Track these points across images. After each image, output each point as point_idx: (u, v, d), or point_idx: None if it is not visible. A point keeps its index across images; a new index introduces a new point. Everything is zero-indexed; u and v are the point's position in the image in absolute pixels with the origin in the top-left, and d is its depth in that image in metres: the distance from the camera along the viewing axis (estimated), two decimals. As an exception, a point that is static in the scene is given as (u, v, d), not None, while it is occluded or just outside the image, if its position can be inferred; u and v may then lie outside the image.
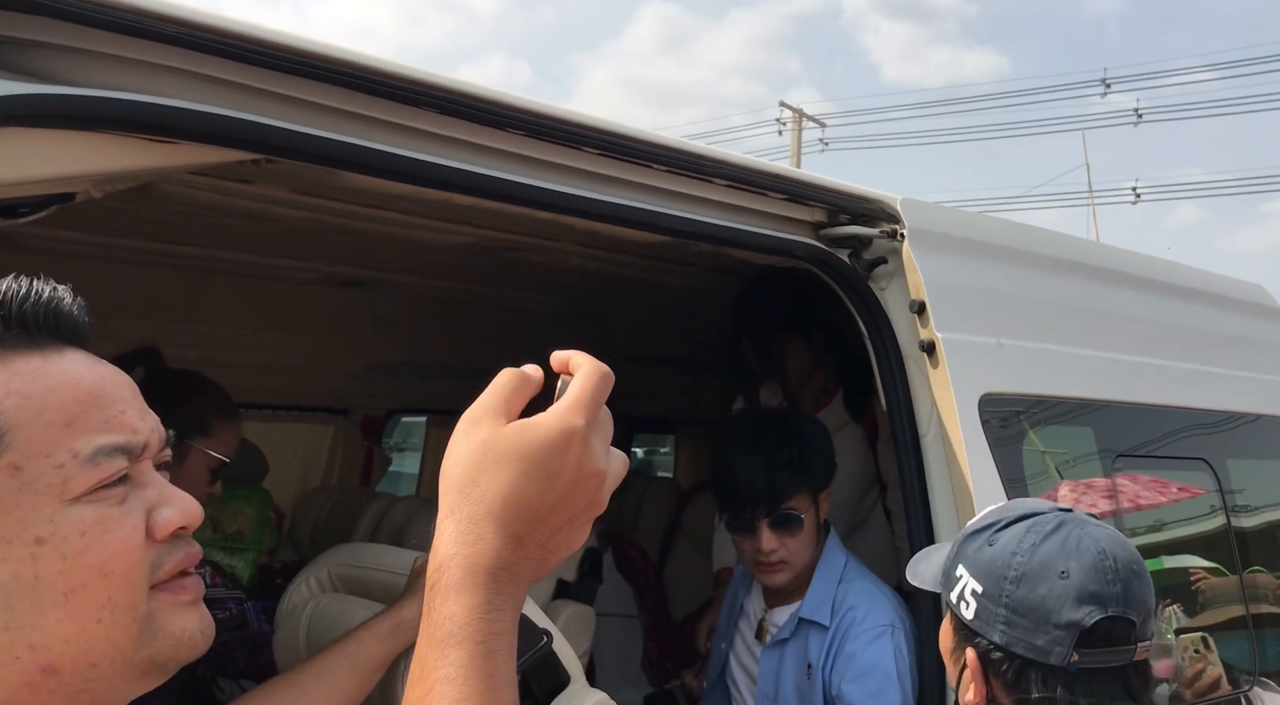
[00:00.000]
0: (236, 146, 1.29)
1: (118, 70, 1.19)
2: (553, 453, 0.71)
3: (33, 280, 0.82)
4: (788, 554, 2.06)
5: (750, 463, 2.04)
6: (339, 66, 1.34)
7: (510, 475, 0.71)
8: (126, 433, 0.80)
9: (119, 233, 2.37)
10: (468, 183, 1.52)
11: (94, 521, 0.77)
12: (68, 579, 0.76)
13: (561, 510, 0.72)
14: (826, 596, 2.06)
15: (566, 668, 1.52)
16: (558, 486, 0.71)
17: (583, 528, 0.75)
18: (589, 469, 0.72)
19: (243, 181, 1.86)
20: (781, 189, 1.94)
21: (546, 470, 0.71)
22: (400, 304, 3.26)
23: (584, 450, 0.72)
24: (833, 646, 2.01)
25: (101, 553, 0.77)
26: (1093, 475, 2.15)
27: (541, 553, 0.73)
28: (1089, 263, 2.40)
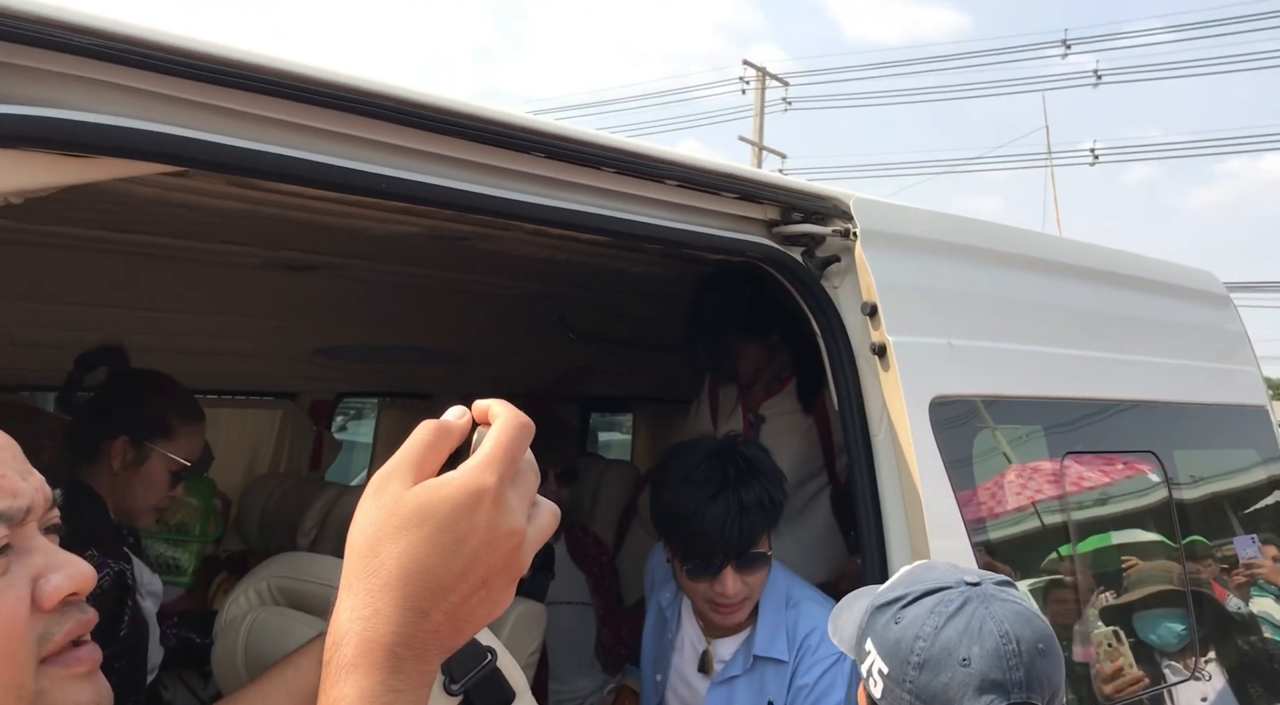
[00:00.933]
0: (155, 160, 1.23)
1: (25, 82, 1.12)
2: (459, 514, 0.66)
3: None
4: (749, 592, 1.97)
5: (719, 508, 1.91)
6: (262, 74, 1.28)
7: (412, 541, 0.66)
8: (5, 498, 0.76)
9: (54, 220, 2.28)
10: (406, 191, 1.47)
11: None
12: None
13: (471, 576, 0.67)
14: (779, 627, 1.99)
15: (511, 684, 1.50)
16: (466, 550, 0.66)
17: (503, 591, 0.69)
18: (502, 529, 0.67)
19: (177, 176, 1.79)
20: (733, 188, 1.90)
21: (453, 534, 0.66)
22: (349, 287, 3.19)
23: (496, 509, 0.67)
24: (796, 672, 1.96)
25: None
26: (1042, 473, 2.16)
27: (452, 623, 0.67)
28: (1040, 256, 2.40)
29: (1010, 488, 2.08)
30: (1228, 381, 2.86)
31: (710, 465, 1.98)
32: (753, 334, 2.68)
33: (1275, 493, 2.91)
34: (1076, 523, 2.19)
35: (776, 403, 2.69)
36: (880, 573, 1.91)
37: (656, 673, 2.22)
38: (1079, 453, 2.24)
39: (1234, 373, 2.90)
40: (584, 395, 4.49)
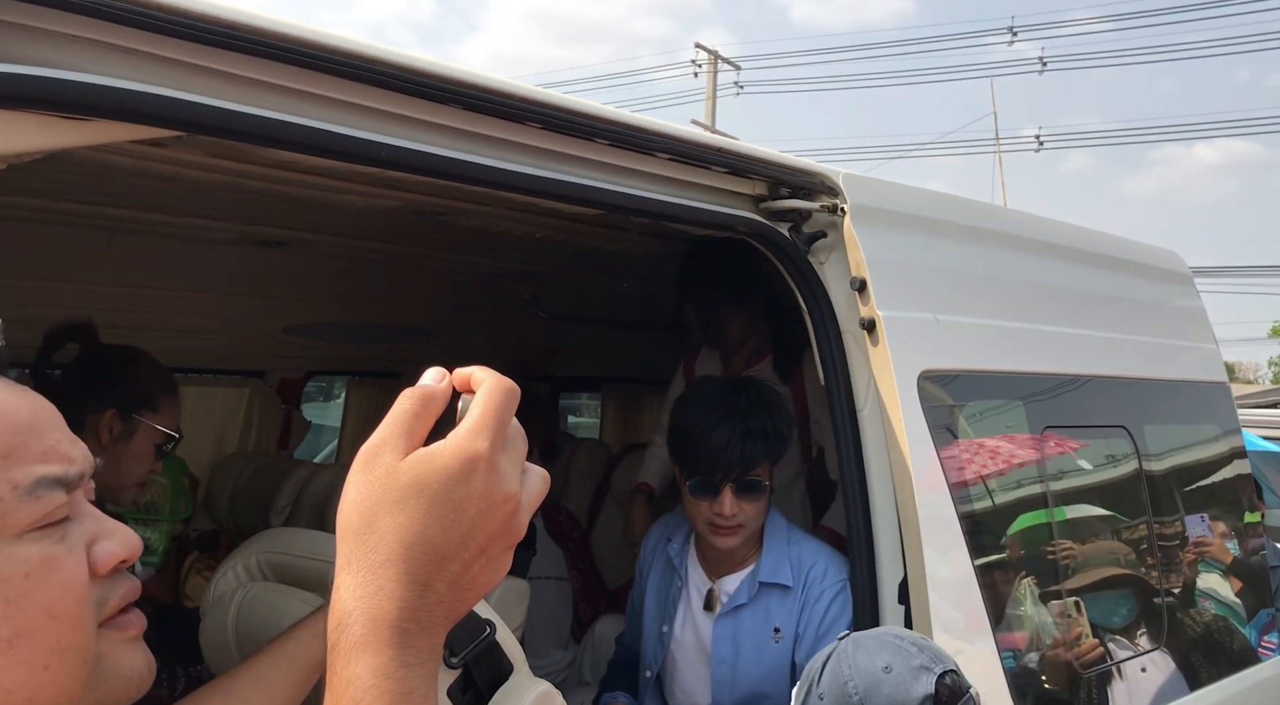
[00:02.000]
0: (154, 123, 1.19)
1: (24, 41, 1.09)
2: (455, 482, 0.65)
3: None
4: (745, 518, 2.10)
5: (724, 430, 2.06)
6: (263, 37, 1.25)
7: (410, 514, 0.65)
8: (64, 463, 0.76)
9: (17, 191, 2.22)
10: (404, 160, 1.45)
11: (39, 561, 0.72)
12: (12, 624, 0.71)
13: (471, 544, 0.66)
14: (783, 558, 2.13)
15: (510, 657, 1.50)
16: (464, 519, 0.65)
17: (501, 558, 0.69)
18: (498, 495, 0.66)
19: (155, 145, 1.75)
20: (723, 162, 1.90)
21: (449, 503, 0.65)
22: (320, 264, 3.14)
23: (490, 475, 0.66)
24: (804, 605, 2.08)
25: (49, 594, 0.73)
26: (1023, 446, 2.20)
27: (454, 593, 0.67)
28: (1021, 234, 2.43)
29: (994, 460, 2.12)
30: (1191, 358, 2.93)
31: (723, 394, 2.15)
32: (740, 302, 2.71)
33: (1236, 466, 3.00)
34: (1056, 494, 2.24)
35: (754, 373, 2.73)
36: (866, 545, 1.93)
37: (663, 624, 2.28)
38: (1057, 426, 2.28)
39: (1196, 349, 2.98)
40: (555, 374, 4.48)
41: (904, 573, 1.89)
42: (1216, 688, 2.61)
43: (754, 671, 2.12)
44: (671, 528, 2.37)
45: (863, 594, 1.93)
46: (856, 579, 1.97)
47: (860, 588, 1.96)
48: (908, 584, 1.89)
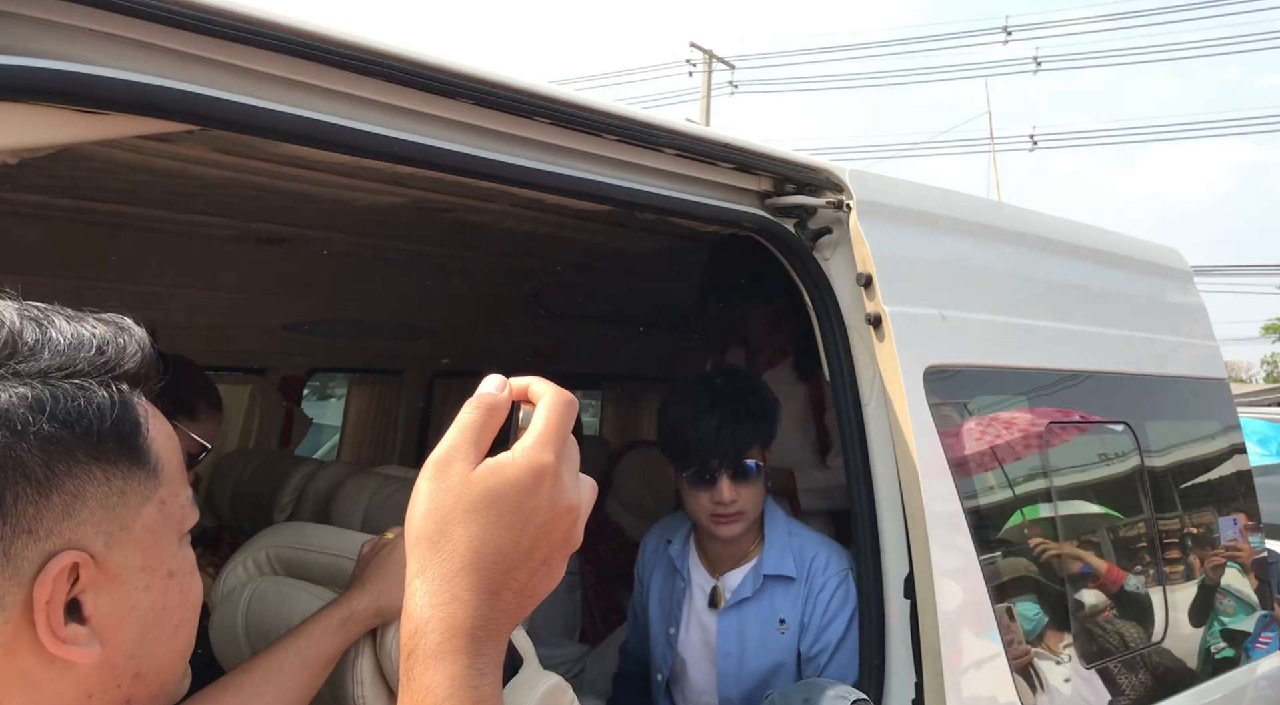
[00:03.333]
0: (170, 117, 1.20)
1: (40, 35, 1.09)
2: (524, 494, 0.68)
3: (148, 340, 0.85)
4: (744, 505, 2.11)
5: (713, 417, 2.09)
6: (277, 32, 1.26)
7: (482, 524, 0.68)
8: (193, 516, 0.85)
9: (20, 188, 2.22)
10: (415, 155, 1.45)
11: (192, 561, 0.84)
12: (180, 613, 0.81)
13: (536, 553, 0.69)
14: (785, 550, 2.15)
15: (520, 651, 1.51)
16: (531, 529, 0.68)
17: (559, 565, 0.72)
18: (562, 505, 0.69)
19: (161, 141, 1.75)
20: (729, 158, 1.91)
21: (519, 514, 0.68)
22: (322, 261, 3.14)
23: (556, 486, 0.69)
24: (808, 595, 2.10)
25: (197, 590, 0.84)
26: (1028, 441, 2.21)
27: (519, 601, 0.69)
28: (1024, 231, 2.44)
29: (998, 455, 2.13)
30: (1191, 354, 2.95)
31: (704, 384, 2.21)
32: (763, 300, 2.72)
33: (1235, 461, 3.01)
34: (1059, 488, 2.25)
35: (775, 374, 2.73)
36: (871, 540, 1.94)
37: (669, 627, 2.28)
38: (1062, 423, 2.29)
39: (1197, 346, 2.99)
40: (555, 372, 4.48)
41: (909, 567, 1.90)
42: (1216, 683, 2.63)
43: (760, 664, 2.12)
44: (670, 530, 2.37)
45: (868, 589, 1.94)
46: (862, 574, 1.98)
47: (866, 582, 1.97)
48: (913, 578, 1.90)
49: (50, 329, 0.77)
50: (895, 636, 1.90)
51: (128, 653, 0.77)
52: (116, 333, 0.81)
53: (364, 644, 1.38)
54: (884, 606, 1.93)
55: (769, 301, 2.71)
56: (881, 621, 1.91)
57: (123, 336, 0.81)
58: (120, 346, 0.80)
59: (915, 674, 1.87)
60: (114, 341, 0.80)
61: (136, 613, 0.77)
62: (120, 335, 0.81)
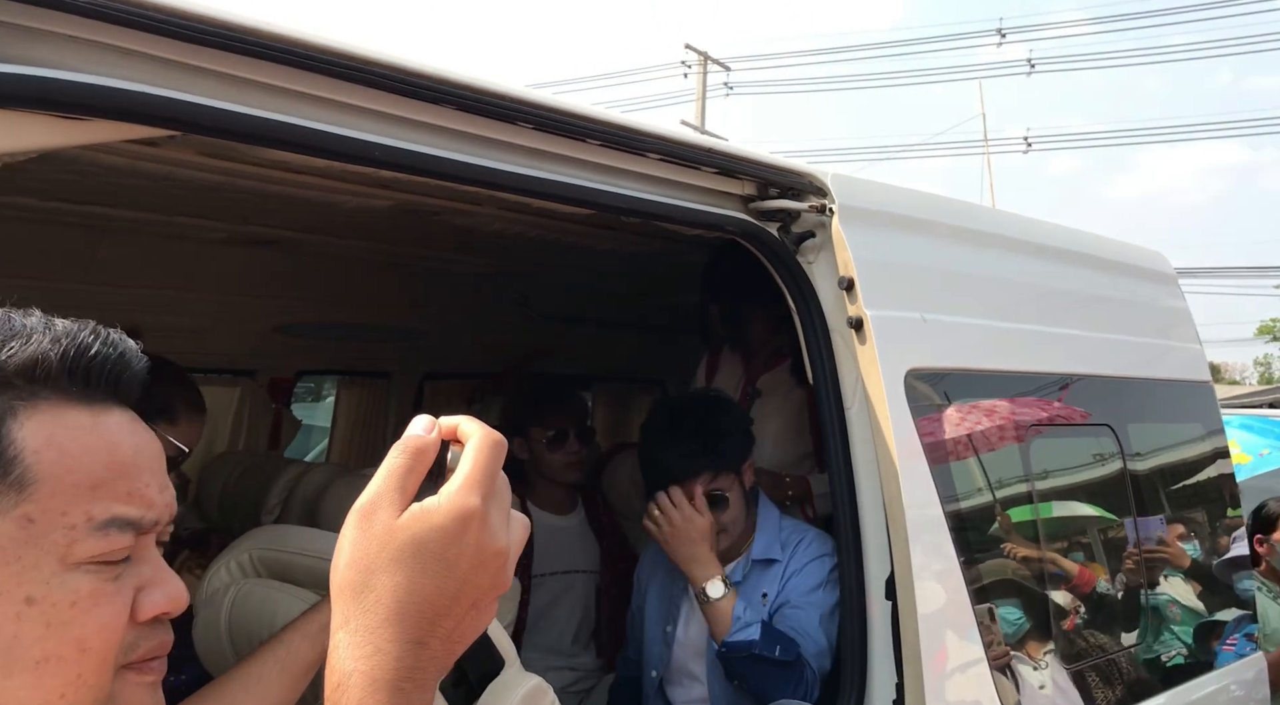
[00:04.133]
0: (152, 123, 1.21)
1: (23, 41, 1.10)
2: (449, 540, 0.67)
3: (105, 332, 0.81)
4: (723, 525, 2.21)
5: (670, 452, 2.21)
6: (259, 38, 1.27)
7: (407, 573, 0.66)
8: (143, 507, 0.78)
9: (7, 190, 2.22)
10: (397, 160, 1.46)
11: (87, 592, 0.74)
12: (44, 647, 0.72)
13: (463, 599, 0.67)
14: (774, 538, 2.26)
15: (501, 652, 1.52)
16: (458, 575, 0.67)
17: (489, 608, 0.70)
18: (490, 550, 0.68)
19: (148, 145, 1.76)
20: (713, 163, 1.92)
21: (444, 561, 0.66)
22: (311, 264, 3.15)
23: (483, 531, 0.68)
24: (787, 567, 2.21)
25: (85, 627, 0.74)
26: (1009, 444, 2.23)
27: (447, 647, 0.68)
28: (1007, 235, 2.46)
29: (979, 457, 2.14)
30: (1175, 357, 2.96)
31: (670, 416, 2.31)
32: (762, 303, 2.74)
33: (1218, 464, 3.03)
34: (1040, 490, 2.27)
35: (772, 376, 2.75)
36: (854, 541, 1.96)
37: (666, 625, 2.35)
38: (1043, 425, 2.31)
39: (1181, 349, 3.01)
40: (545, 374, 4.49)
41: (891, 568, 1.92)
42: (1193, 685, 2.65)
43: None
44: None
45: (850, 589, 1.95)
46: (844, 575, 1.99)
47: (848, 583, 1.98)
48: (894, 579, 1.91)
49: None
50: (877, 637, 1.91)
51: None
52: (10, 328, 0.76)
53: (345, 646, 1.39)
54: (866, 608, 1.94)
55: (767, 304, 2.73)
56: (863, 623, 1.92)
57: (20, 332, 0.76)
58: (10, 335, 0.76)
59: (896, 674, 1.89)
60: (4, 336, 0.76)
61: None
62: (18, 330, 0.76)
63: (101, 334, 0.81)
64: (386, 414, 3.96)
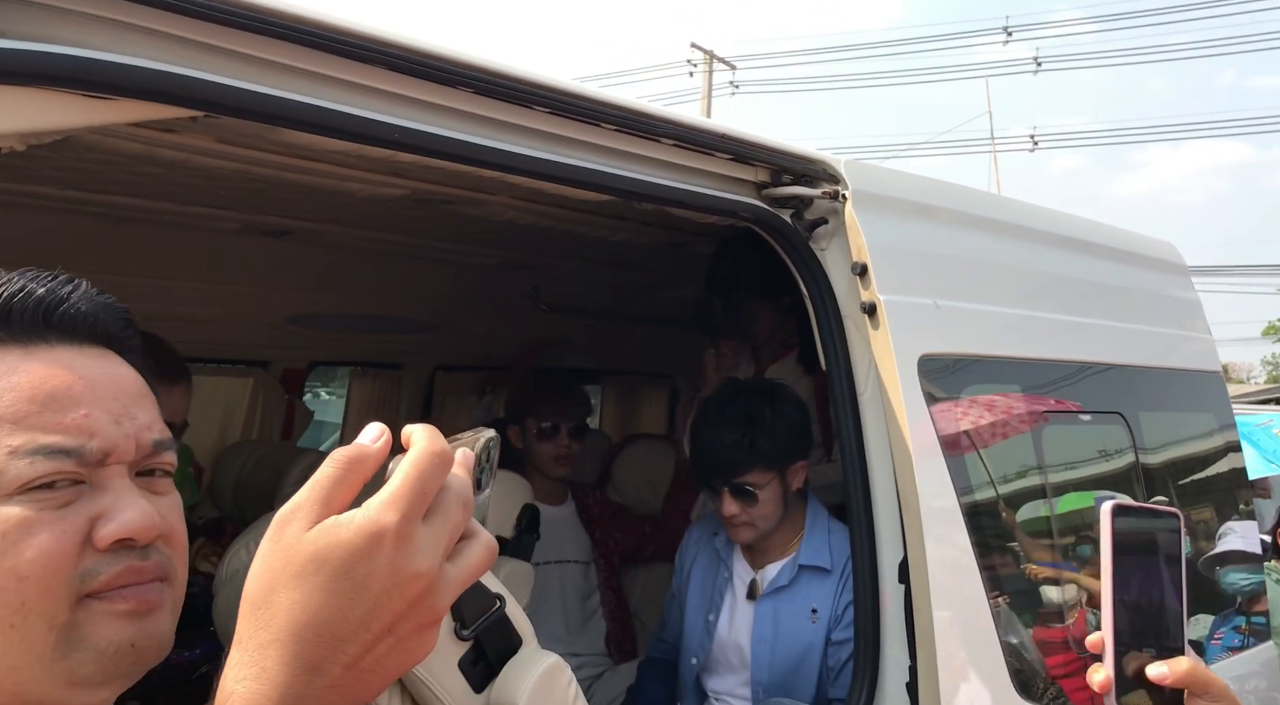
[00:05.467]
0: (177, 103, 1.22)
1: (52, 21, 1.12)
2: (357, 558, 0.61)
3: (38, 275, 0.82)
4: (750, 518, 2.23)
5: (713, 438, 2.23)
6: (283, 20, 1.28)
7: (306, 591, 0.61)
8: (80, 436, 0.77)
9: (24, 179, 2.24)
10: (416, 142, 1.48)
11: (16, 523, 0.74)
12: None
13: (373, 625, 0.61)
14: (822, 545, 2.26)
15: (519, 631, 1.53)
16: (365, 598, 0.61)
17: (415, 638, 0.64)
18: (406, 573, 0.62)
19: (166, 131, 1.77)
20: (727, 148, 1.93)
21: (349, 580, 0.61)
22: (324, 254, 3.16)
23: (398, 551, 0.61)
24: (843, 588, 2.20)
25: (17, 556, 0.74)
26: (1021, 431, 2.24)
27: (354, 677, 0.62)
28: (1019, 223, 2.46)
29: (992, 442, 2.15)
30: (1186, 348, 2.97)
31: (722, 403, 2.31)
32: (766, 296, 2.75)
33: (1229, 455, 3.03)
34: (1052, 475, 2.27)
35: (781, 367, 2.76)
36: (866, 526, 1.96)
37: (708, 614, 2.38)
38: (1054, 412, 2.32)
39: (1192, 339, 3.01)
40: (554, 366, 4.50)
41: (904, 552, 1.92)
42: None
43: (791, 651, 2.22)
44: (716, 523, 2.47)
45: (863, 574, 1.96)
46: (857, 560, 2.00)
47: (861, 568, 1.99)
48: (908, 564, 1.92)
49: None
50: (890, 621, 1.92)
51: None
52: None
53: (365, 622, 1.41)
54: (879, 592, 1.95)
55: (773, 295, 2.74)
56: (876, 606, 1.93)
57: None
58: None
59: (910, 658, 1.90)
60: None
61: None
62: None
63: (29, 278, 0.82)
64: (398, 405, 3.98)
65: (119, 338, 0.87)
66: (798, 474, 2.29)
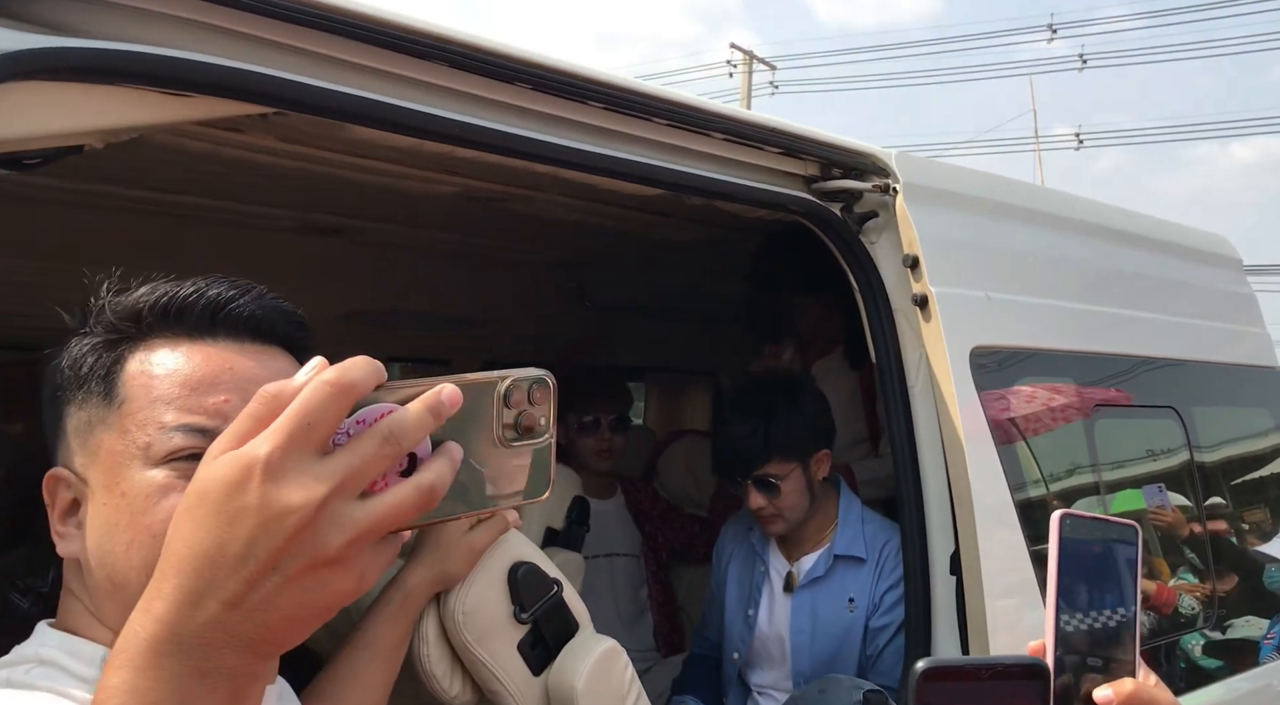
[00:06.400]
0: (250, 100, 1.26)
1: (130, 21, 1.16)
2: (230, 491, 0.59)
3: (207, 282, 1.00)
4: (777, 510, 2.25)
5: (731, 431, 2.27)
6: (348, 18, 1.32)
7: (190, 524, 0.61)
8: (216, 419, 0.90)
9: (93, 179, 2.31)
10: (474, 137, 1.51)
11: (157, 486, 0.89)
12: (130, 532, 0.89)
13: (251, 560, 0.59)
14: (857, 535, 2.28)
15: (576, 616, 1.56)
16: (240, 532, 0.59)
17: (312, 579, 0.60)
18: (278, 506, 0.58)
19: (231, 130, 1.82)
20: (776, 142, 1.95)
21: (225, 513, 0.59)
22: (376, 252, 3.22)
23: (268, 484, 0.59)
24: (879, 576, 2.21)
25: (154, 515, 0.88)
26: (1074, 423, 2.23)
27: (240, 614, 0.59)
28: (1070, 216, 2.45)
29: (1044, 434, 2.15)
30: (1242, 343, 2.93)
31: (742, 396, 2.35)
32: (812, 292, 2.76)
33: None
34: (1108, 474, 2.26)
35: (827, 364, 2.77)
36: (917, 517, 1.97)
37: (748, 608, 2.39)
38: (1107, 405, 2.31)
39: (1247, 334, 2.97)
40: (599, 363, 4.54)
41: (955, 544, 1.93)
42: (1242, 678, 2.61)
43: (830, 640, 2.24)
44: (751, 518, 2.47)
45: (913, 566, 1.96)
46: (908, 551, 2.01)
47: (911, 560, 2.00)
48: (959, 555, 1.92)
49: None
50: (940, 612, 1.93)
51: (97, 558, 0.90)
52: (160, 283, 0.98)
53: (429, 604, 1.44)
54: (930, 583, 1.95)
55: (818, 291, 2.75)
56: (928, 598, 1.94)
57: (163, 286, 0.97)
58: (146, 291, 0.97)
59: (962, 649, 1.90)
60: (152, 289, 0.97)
61: (96, 524, 0.91)
62: (164, 285, 0.97)
63: (210, 283, 0.99)
64: (447, 401, 4.02)
65: (290, 337, 1.01)
66: (821, 464, 2.30)
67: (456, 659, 1.45)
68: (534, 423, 0.70)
